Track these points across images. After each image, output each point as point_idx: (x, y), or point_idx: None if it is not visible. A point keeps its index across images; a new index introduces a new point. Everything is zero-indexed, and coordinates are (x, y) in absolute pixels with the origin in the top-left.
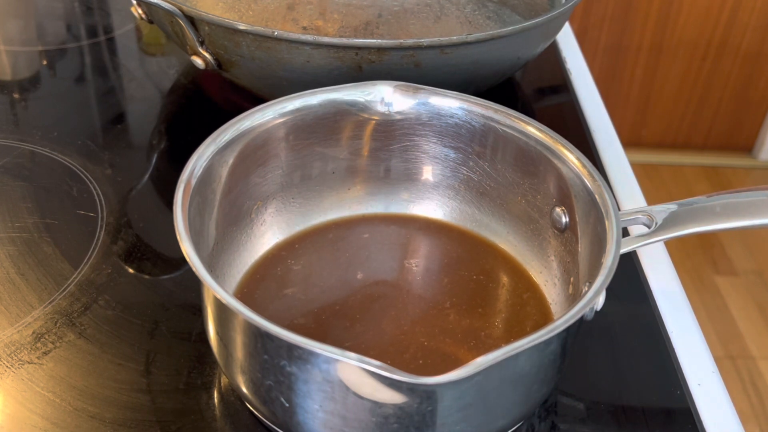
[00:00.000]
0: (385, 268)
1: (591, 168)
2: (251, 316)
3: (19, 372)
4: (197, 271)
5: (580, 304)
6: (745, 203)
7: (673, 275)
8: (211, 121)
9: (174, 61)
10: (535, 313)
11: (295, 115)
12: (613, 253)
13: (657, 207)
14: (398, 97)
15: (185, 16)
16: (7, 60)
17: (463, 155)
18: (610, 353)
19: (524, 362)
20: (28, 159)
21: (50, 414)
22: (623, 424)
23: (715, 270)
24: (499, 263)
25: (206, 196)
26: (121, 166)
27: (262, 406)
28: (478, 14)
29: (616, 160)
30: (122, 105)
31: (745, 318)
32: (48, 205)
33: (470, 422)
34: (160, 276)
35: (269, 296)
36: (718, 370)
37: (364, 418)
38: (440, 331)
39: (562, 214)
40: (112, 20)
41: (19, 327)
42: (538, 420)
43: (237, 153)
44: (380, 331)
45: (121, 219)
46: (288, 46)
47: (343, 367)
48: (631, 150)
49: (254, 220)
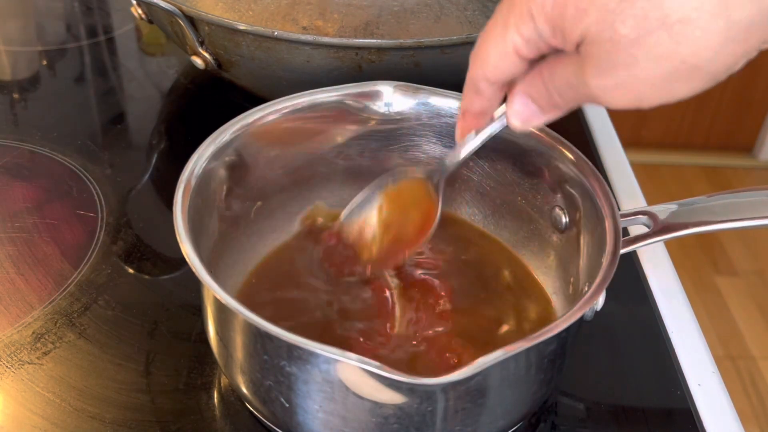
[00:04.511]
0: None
1: (591, 168)
2: (251, 316)
3: (19, 372)
4: (197, 272)
5: (580, 304)
6: (745, 203)
7: (673, 275)
8: (211, 121)
9: (174, 61)
10: (535, 313)
11: (295, 115)
12: (613, 253)
13: (657, 207)
14: (398, 97)
15: (185, 16)
16: (7, 60)
17: None
18: (610, 353)
19: (524, 362)
20: (28, 159)
21: (50, 414)
22: (623, 424)
23: (715, 270)
24: (499, 263)
25: (206, 196)
26: (121, 166)
27: (262, 407)
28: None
29: (616, 160)
30: (122, 105)
31: (745, 318)
32: (48, 205)
33: (470, 422)
34: (160, 276)
35: (269, 296)
36: (718, 370)
37: (364, 419)
38: (440, 331)
39: (562, 214)
40: (112, 20)
41: (19, 327)
42: (538, 420)
43: (237, 153)
44: (380, 331)
45: (121, 219)
46: (288, 46)
47: (343, 367)
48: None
49: (254, 220)
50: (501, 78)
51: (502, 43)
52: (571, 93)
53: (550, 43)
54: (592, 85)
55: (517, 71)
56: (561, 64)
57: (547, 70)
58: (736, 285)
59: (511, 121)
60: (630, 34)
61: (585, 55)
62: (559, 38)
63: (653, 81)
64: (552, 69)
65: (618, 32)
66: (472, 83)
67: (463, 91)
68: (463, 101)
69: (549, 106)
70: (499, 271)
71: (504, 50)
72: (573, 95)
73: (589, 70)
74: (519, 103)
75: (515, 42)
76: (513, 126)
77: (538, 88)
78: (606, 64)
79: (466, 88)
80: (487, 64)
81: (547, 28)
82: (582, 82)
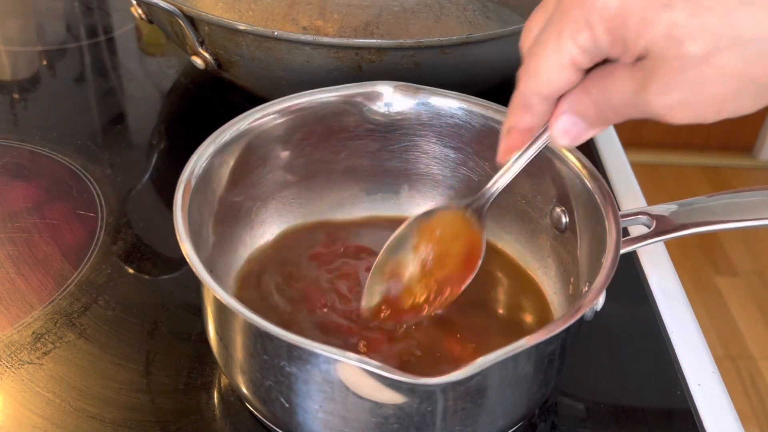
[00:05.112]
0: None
1: (591, 168)
2: (251, 316)
3: (19, 372)
4: (197, 271)
5: (580, 304)
6: (745, 203)
7: (673, 275)
8: (211, 121)
9: (174, 61)
10: (535, 313)
11: (295, 115)
12: (613, 253)
13: (657, 207)
14: (398, 97)
15: (185, 16)
16: (7, 60)
17: (463, 155)
18: (610, 353)
19: (524, 362)
20: (28, 159)
21: (50, 414)
22: (623, 424)
23: (715, 270)
24: (499, 263)
25: (206, 196)
26: (121, 166)
27: (262, 407)
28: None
29: (616, 160)
30: (122, 105)
31: (745, 318)
32: (48, 205)
33: (470, 422)
34: (160, 276)
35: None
36: (718, 370)
37: (364, 419)
38: (440, 331)
39: (562, 215)
40: (112, 20)
41: (19, 327)
42: (538, 420)
43: (237, 153)
44: (380, 331)
45: (121, 219)
46: (288, 46)
47: (343, 367)
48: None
49: (254, 220)
50: (556, 92)
51: (557, 55)
52: (628, 110)
53: (606, 54)
54: (655, 104)
55: (573, 83)
56: (616, 79)
57: (597, 86)
58: (736, 285)
59: (559, 141)
60: (699, 51)
61: (648, 71)
62: (619, 49)
63: (719, 99)
64: (604, 85)
65: (687, 49)
66: (522, 99)
67: (510, 108)
68: (511, 118)
69: (599, 122)
70: (499, 271)
71: (559, 62)
72: (630, 112)
73: (652, 87)
74: (568, 121)
75: (572, 53)
76: (560, 145)
77: (587, 105)
78: (671, 82)
79: (513, 104)
80: (541, 77)
81: (606, 38)
82: (643, 100)
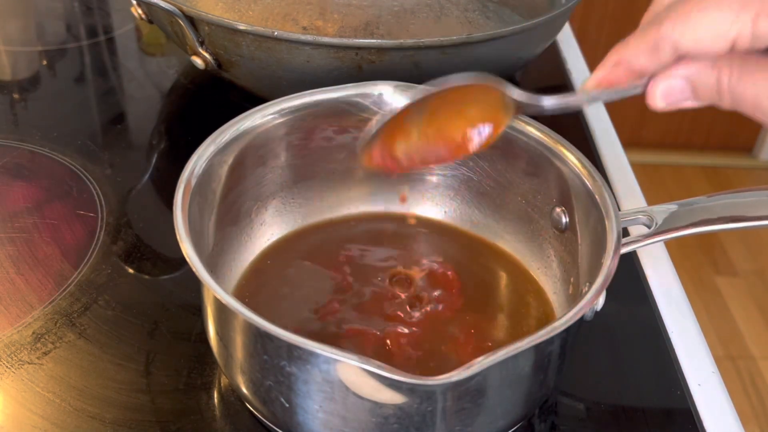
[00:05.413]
0: (384, 268)
1: (591, 168)
2: (251, 316)
3: (19, 372)
4: (197, 271)
5: (580, 305)
6: (745, 203)
7: (673, 275)
8: (211, 121)
9: (174, 61)
10: (535, 313)
11: (295, 115)
12: (613, 253)
13: (657, 207)
14: (398, 97)
15: (185, 16)
16: (7, 60)
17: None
18: (610, 353)
19: (524, 362)
20: (28, 159)
21: (50, 414)
22: (623, 424)
23: (715, 270)
24: (499, 264)
25: (206, 196)
26: (121, 166)
27: (262, 407)
28: (478, 14)
29: (616, 160)
30: (122, 105)
31: (745, 318)
32: (48, 205)
33: (470, 422)
34: (160, 276)
35: (269, 296)
36: (718, 370)
37: (364, 419)
38: (440, 331)
39: (562, 215)
40: (112, 20)
41: (19, 327)
42: (538, 420)
43: (237, 153)
44: (380, 331)
45: (121, 219)
46: (288, 46)
47: (343, 367)
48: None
49: (254, 220)
50: (695, 53)
51: (726, 25)
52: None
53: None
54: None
55: (715, 55)
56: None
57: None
58: (736, 285)
59: (656, 100)
60: None
61: None
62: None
63: None
64: (742, 73)
65: None
66: (656, 40)
67: (632, 41)
68: (627, 50)
69: (708, 98)
70: (499, 272)
71: (725, 31)
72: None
73: None
74: (678, 85)
75: (742, 32)
76: (653, 104)
77: (709, 80)
78: None
79: (640, 40)
80: (695, 33)
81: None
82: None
